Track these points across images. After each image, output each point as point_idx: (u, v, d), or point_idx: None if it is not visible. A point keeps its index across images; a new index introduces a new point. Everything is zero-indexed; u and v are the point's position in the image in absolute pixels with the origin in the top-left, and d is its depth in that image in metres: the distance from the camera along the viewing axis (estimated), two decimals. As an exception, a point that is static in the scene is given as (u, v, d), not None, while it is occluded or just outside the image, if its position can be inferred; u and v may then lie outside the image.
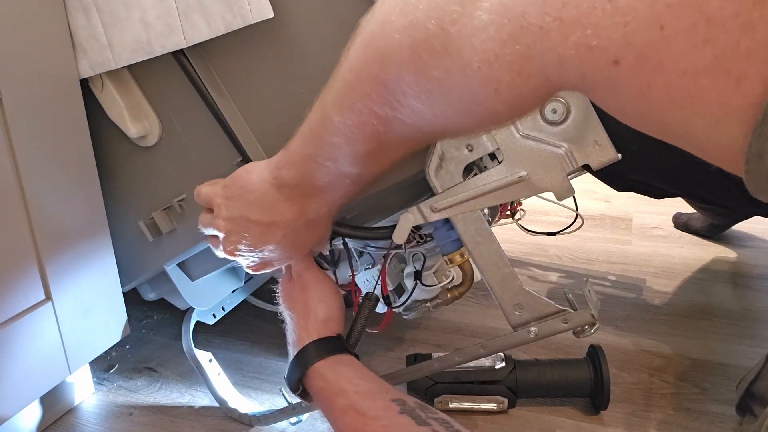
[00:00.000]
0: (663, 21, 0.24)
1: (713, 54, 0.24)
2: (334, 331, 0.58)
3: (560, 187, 0.50)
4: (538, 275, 1.08)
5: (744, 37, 0.23)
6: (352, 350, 0.58)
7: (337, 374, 0.54)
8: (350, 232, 0.60)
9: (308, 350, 0.56)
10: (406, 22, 0.35)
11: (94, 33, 0.60)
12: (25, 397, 0.66)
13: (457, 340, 0.89)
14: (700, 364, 0.80)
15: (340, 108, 0.42)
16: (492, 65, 0.31)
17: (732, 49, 0.23)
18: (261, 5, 0.55)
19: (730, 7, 0.23)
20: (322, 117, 0.44)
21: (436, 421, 0.48)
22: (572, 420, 0.71)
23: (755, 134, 0.23)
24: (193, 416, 0.76)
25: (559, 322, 0.54)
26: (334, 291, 0.60)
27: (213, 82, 0.61)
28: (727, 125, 0.25)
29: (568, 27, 0.27)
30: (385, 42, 0.36)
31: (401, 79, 0.36)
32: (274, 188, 0.51)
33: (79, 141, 0.66)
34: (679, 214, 1.23)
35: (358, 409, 0.50)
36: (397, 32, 0.35)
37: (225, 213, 0.54)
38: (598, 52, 0.27)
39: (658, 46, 0.25)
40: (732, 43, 0.23)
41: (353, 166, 0.46)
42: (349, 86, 0.40)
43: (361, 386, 0.52)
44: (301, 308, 0.59)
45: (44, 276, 0.63)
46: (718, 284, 1.02)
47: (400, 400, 0.50)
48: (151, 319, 1.00)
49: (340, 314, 0.60)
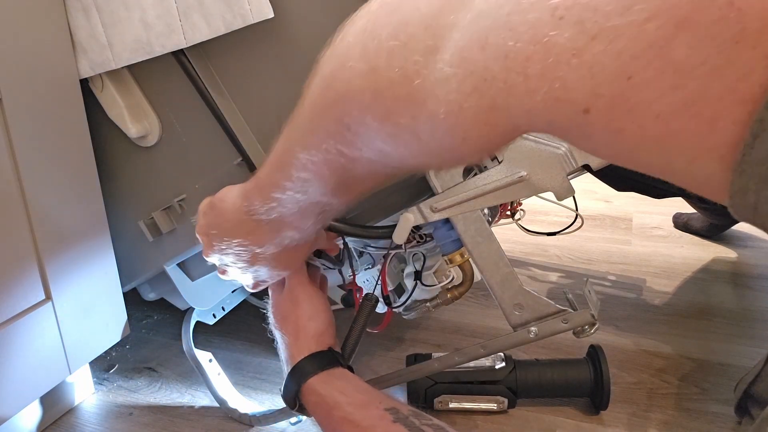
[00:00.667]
0: (630, 71, 0.24)
1: (683, 99, 0.24)
2: (325, 344, 0.58)
3: (560, 187, 0.50)
4: (538, 275, 1.08)
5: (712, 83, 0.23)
6: (345, 362, 0.59)
7: (330, 388, 0.55)
8: (350, 231, 0.60)
9: (301, 367, 0.57)
10: (367, 68, 0.34)
11: (94, 33, 0.60)
12: (25, 397, 0.66)
13: (457, 340, 0.89)
14: (700, 364, 0.80)
15: (305, 145, 0.41)
16: (457, 116, 0.31)
17: (702, 94, 0.23)
18: (261, 5, 0.55)
19: (696, 56, 0.23)
20: (289, 151, 0.43)
21: (430, 428, 0.48)
22: (572, 420, 0.71)
23: (737, 172, 0.24)
24: (193, 416, 0.76)
25: (559, 322, 0.54)
26: (325, 306, 0.61)
27: (213, 82, 0.61)
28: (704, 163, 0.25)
29: (534, 82, 0.27)
30: (346, 86, 0.36)
31: (365, 123, 0.36)
32: (248, 215, 0.51)
33: (79, 141, 0.66)
34: (679, 214, 1.23)
35: (353, 421, 0.50)
36: (359, 77, 0.34)
37: (207, 241, 0.55)
38: (566, 103, 0.26)
39: (627, 95, 0.25)
40: (701, 88, 0.23)
41: (323, 196, 0.46)
42: (313, 124, 0.40)
43: (355, 398, 0.53)
44: (292, 328, 0.59)
45: (44, 276, 0.63)
46: (718, 284, 1.02)
47: (393, 409, 0.50)
48: (151, 319, 1.00)
49: (331, 329, 0.60)
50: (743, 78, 0.22)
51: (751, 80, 0.22)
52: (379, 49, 0.33)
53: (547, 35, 0.26)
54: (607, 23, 0.24)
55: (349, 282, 0.70)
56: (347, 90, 0.36)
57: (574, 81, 0.26)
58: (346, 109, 0.36)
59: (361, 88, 0.35)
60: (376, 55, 0.33)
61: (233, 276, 0.58)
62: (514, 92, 0.28)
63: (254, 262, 0.55)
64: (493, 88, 0.28)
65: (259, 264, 0.55)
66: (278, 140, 0.44)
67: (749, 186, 0.23)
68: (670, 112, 0.24)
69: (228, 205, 0.52)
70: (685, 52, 0.23)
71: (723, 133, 0.24)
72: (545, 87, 0.27)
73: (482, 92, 0.29)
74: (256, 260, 0.54)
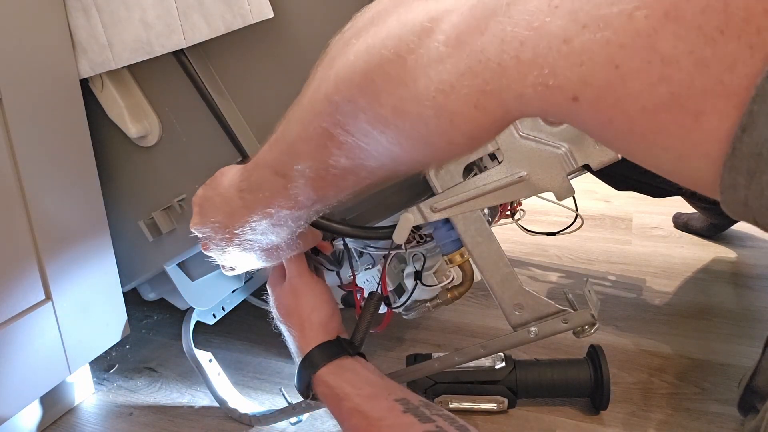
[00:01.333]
0: (617, 61, 0.24)
1: (669, 91, 0.24)
2: (333, 333, 0.58)
3: (560, 187, 0.50)
4: (538, 275, 1.08)
5: (698, 75, 0.23)
6: (354, 350, 0.58)
7: (340, 379, 0.55)
8: (350, 232, 0.60)
9: (310, 358, 0.57)
10: (364, 46, 0.34)
11: (94, 33, 0.60)
12: (25, 397, 0.66)
13: (457, 340, 0.89)
14: (700, 364, 0.80)
15: (300, 123, 0.41)
16: (448, 96, 0.31)
17: (687, 86, 0.23)
18: (261, 5, 0.55)
19: (682, 46, 0.23)
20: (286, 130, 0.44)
21: (440, 417, 0.48)
22: (572, 420, 0.71)
23: (726, 167, 0.24)
24: (193, 416, 0.76)
25: (559, 322, 0.54)
26: (327, 296, 0.61)
27: (213, 82, 0.61)
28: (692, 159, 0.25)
29: (525, 66, 0.27)
30: (341, 63, 0.36)
31: (354, 102, 0.36)
32: (237, 192, 0.50)
33: (79, 141, 0.66)
34: (679, 214, 1.23)
35: (363, 412, 0.51)
36: (354, 54, 0.35)
37: (197, 209, 0.54)
38: (556, 90, 0.27)
39: (615, 85, 0.25)
40: (687, 80, 0.23)
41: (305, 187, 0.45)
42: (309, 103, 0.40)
43: (364, 389, 0.53)
44: (296, 320, 0.59)
45: (44, 276, 0.63)
46: (718, 284, 1.02)
47: (403, 400, 0.50)
48: (151, 319, 1.00)
49: (336, 316, 0.60)
50: (729, 69, 0.22)
51: (737, 71, 0.22)
52: (379, 29, 0.34)
53: (541, 22, 0.26)
54: (598, 12, 0.24)
55: (348, 283, 0.70)
56: (342, 66, 0.36)
57: (563, 68, 0.26)
58: (337, 86, 0.36)
59: (353, 65, 0.35)
60: (375, 34, 0.34)
61: (214, 255, 0.57)
62: (506, 75, 0.28)
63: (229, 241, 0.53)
64: (488, 70, 0.29)
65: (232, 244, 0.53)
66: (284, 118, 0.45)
67: (739, 181, 0.24)
68: (657, 104, 0.24)
69: (226, 178, 0.52)
70: (672, 42, 0.23)
71: (709, 127, 0.24)
72: (535, 72, 0.27)
73: (476, 73, 0.29)
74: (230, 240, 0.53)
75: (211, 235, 0.54)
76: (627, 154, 0.29)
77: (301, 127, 0.41)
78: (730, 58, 0.22)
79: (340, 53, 0.37)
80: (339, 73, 0.36)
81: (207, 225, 0.53)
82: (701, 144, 0.24)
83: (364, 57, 0.34)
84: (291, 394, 0.74)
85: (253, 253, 0.55)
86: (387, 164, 0.40)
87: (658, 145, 0.26)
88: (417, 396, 0.52)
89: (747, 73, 0.22)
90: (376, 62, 0.33)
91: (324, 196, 0.46)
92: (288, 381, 0.81)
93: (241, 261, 0.57)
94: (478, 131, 0.32)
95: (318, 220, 0.59)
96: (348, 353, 0.57)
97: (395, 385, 0.55)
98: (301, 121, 0.41)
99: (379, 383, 0.55)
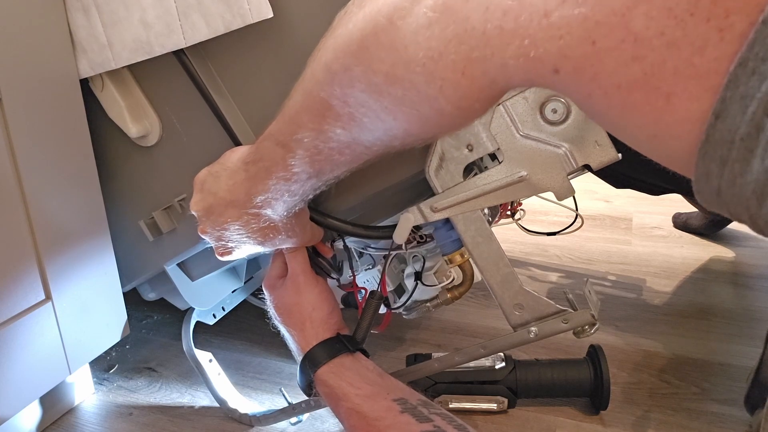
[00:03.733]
0: (594, 37, 0.25)
1: (642, 71, 0.24)
2: (333, 329, 0.58)
3: (560, 187, 0.50)
4: (538, 275, 1.08)
5: (669, 56, 0.23)
6: (355, 347, 0.58)
7: (339, 379, 0.55)
8: (351, 231, 0.60)
9: (311, 356, 0.57)
10: (362, 15, 0.36)
11: (94, 33, 0.60)
12: (25, 397, 0.66)
13: (457, 340, 0.89)
14: (700, 364, 0.80)
15: (302, 93, 0.42)
16: (436, 62, 0.32)
17: (659, 66, 0.24)
18: (260, 5, 0.55)
19: (654, 26, 0.23)
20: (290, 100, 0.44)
21: (439, 417, 0.48)
22: (572, 420, 0.71)
23: (700, 154, 0.24)
24: (193, 416, 0.76)
25: (559, 322, 0.54)
26: (328, 293, 0.61)
27: (213, 82, 0.61)
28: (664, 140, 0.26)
29: (507, 36, 0.28)
30: (340, 32, 0.37)
31: (350, 70, 0.36)
32: (243, 165, 0.51)
33: (79, 141, 0.66)
34: (678, 214, 1.23)
35: (360, 412, 0.51)
36: (353, 23, 0.36)
37: (199, 188, 0.54)
38: (537, 61, 0.27)
39: (592, 60, 0.26)
40: (659, 60, 0.24)
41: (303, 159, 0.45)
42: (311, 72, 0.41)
43: (363, 389, 0.53)
44: (297, 318, 0.59)
45: (44, 276, 0.63)
46: (717, 284, 1.02)
47: (401, 399, 0.50)
48: (151, 319, 1.00)
49: (336, 312, 0.61)
50: (699, 52, 0.23)
51: (707, 54, 0.23)
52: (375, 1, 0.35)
53: None
54: None
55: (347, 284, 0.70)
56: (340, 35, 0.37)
57: (543, 40, 0.27)
58: (336, 55, 0.37)
59: (350, 33, 0.36)
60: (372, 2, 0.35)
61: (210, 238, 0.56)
62: (490, 44, 0.29)
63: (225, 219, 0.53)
64: (473, 38, 0.29)
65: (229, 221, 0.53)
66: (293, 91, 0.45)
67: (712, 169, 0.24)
68: (630, 82, 0.25)
69: (235, 154, 0.53)
70: (644, 22, 0.23)
71: (680, 108, 0.24)
72: (516, 42, 0.27)
73: (462, 40, 0.30)
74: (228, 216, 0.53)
75: (210, 213, 0.54)
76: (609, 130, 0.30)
77: (303, 96, 0.42)
78: (699, 40, 0.23)
79: (341, 23, 0.38)
80: (337, 41, 0.37)
81: (207, 201, 0.53)
82: (673, 125, 0.25)
83: (360, 25, 0.35)
84: (291, 394, 0.74)
85: (249, 233, 0.54)
86: (382, 138, 0.40)
87: (633, 123, 0.26)
88: (417, 395, 0.52)
89: (717, 56, 0.22)
90: (370, 30, 0.34)
91: (320, 170, 0.46)
92: (288, 381, 0.81)
93: (237, 242, 0.55)
94: (466, 100, 0.33)
95: (319, 218, 0.59)
96: (349, 350, 0.57)
97: (395, 384, 0.55)
98: (303, 91, 0.42)
99: (379, 382, 0.55)
